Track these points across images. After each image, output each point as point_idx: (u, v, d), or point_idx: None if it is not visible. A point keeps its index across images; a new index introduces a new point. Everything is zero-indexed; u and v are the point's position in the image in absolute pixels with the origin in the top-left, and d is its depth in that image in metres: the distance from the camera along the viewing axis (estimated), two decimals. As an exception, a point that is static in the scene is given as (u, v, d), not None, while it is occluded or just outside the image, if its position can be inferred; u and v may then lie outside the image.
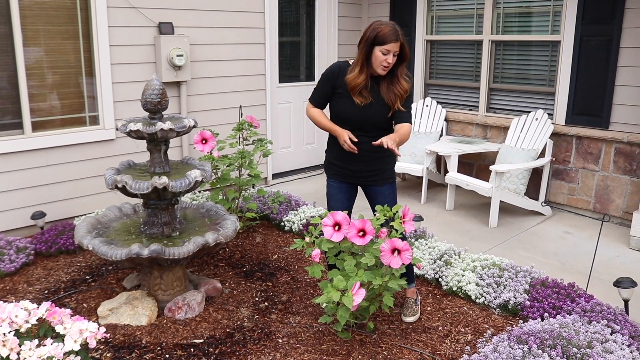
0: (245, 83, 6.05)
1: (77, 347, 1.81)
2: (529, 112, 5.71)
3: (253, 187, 5.42)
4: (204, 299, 3.68)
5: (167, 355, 3.12)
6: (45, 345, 1.73)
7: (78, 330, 1.85)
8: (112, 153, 5.15)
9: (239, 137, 4.96)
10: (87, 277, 4.12)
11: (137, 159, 4.20)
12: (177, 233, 3.67)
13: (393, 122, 3.31)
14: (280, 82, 6.53)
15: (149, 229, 3.64)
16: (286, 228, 4.95)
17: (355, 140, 3.20)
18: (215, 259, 4.42)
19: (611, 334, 3.11)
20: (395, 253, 2.92)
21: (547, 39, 5.60)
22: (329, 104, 3.42)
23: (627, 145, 5.13)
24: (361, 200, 3.67)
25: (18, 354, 1.71)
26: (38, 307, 1.95)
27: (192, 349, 3.19)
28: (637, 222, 4.67)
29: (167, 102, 3.55)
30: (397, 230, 3.03)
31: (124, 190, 3.42)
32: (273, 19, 6.26)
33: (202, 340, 3.28)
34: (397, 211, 3.14)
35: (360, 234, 3.00)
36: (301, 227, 4.83)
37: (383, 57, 3.11)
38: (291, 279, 4.08)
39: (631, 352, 3.02)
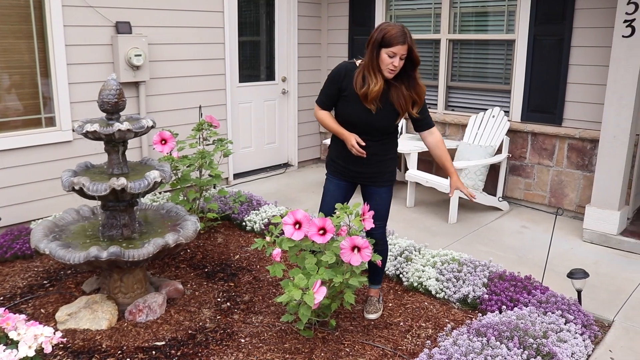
0: (205, 83, 6.01)
1: (31, 353, 1.78)
2: (486, 109, 5.83)
3: (214, 188, 5.39)
4: (166, 301, 3.65)
5: (129, 359, 3.08)
6: (-2, 352, 1.71)
7: (33, 335, 1.82)
8: (70, 155, 5.05)
9: (199, 138, 4.93)
10: (45, 282, 4.03)
11: (96, 160, 4.13)
12: (137, 235, 3.62)
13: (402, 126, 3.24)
14: (240, 81, 6.50)
15: (108, 232, 3.58)
16: (248, 228, 4.94)
17: (363, 144, 3.16)
18: (177, 260, 4.38)
19: (565, 324, 3.22)
20: (355, 250, 2.95)
21: (503, 38, 5.73)
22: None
23: (579, 141, 5.29)
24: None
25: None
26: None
27: (153, 352, 3.16)
28: (590, 215, 4.83)
29: (124, 102, 3.50)
30: (357, 229, 3.07)
31: (81, 192, 3.37)
32: (232, 18, 6.23)
33: (163, 343, 3.26)
34: (356, 209, 3.17)
35: (321, 232, 3.02)
36: (263, 227, 4.83)
37: (389, 60, 3.01)
38: (253, 278, 4.08)
39: (584, 341, 3.14)
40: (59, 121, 4.99)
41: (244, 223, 4.98)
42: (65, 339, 3.17)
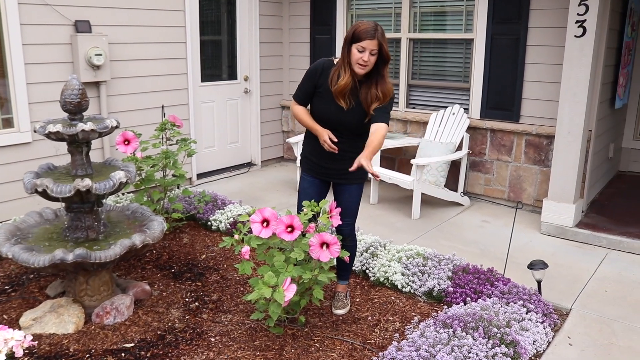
0: (167, 83, 5.96)
1: (2, 358, 1.76)
2: (447, 107, 5.96)
3: (178, 188, 5.35)
4: (133, 302, 3.62)
5: (97, 362, 3.06)
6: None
7: (3, 339, 1.80)
8: (29, 157, 4.94)
9: (162, 137, 4.89)
10: (7, 287, 3.94)
11: (57, 162, 4.06)
12: (102, 236, 3.58)
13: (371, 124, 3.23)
14: (202, 81, 6.47)
15: (73, 234, 3.53)
16: (213, 227, 4.93)
17: (335, 140, 3.21)
18: (143, 261, 4.34)
19: (527, 313, 3.34)
20: (324, 247, 3.00)
21: (461, 37, 5.87)
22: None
23: (536, 137, 5.46)
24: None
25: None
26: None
27: (122, 354, 3.13)
28: (547, 208, 5.00)
29: (87, 102, 3.46)
30: (325, 225, 3.11)
31: (44, 194, 3.31)
32: (194, 17, 6.19)
33: (132, 345, 3.23)
34: (323, 206, 3.22)
35: (289, 229, 3.05)
36: (228, 226, 4.83)
37: (359, 55, 3.05)
38: (221, 277, 4.08)
39: (544, 329, 3.26)
40: (17, 122, 4.87)
41: (209, 223, 4.97)
42: (35, 342, 3.12)
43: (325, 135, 3.21)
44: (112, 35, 5.36)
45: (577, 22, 4.63)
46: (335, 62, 3.25)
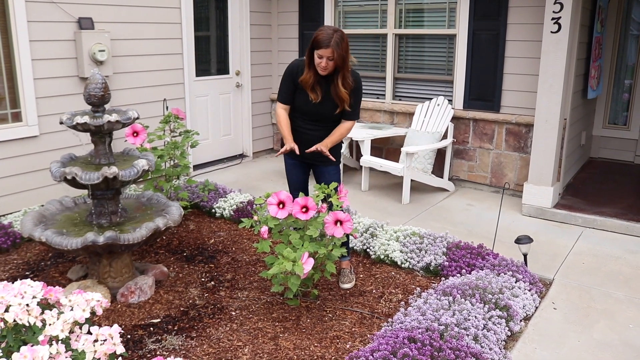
0: (165, 77, 6.19)
1: (87, 315, 2.03)
2: (431, 98, 6.32)
3: (178, 178, 5.59)
4: (154, 283, 3.88)
5: (129, 336, 3.32)
6: (64, 313, 1.94)
7: (85, 300, 2.07)
8: (37, 150, 5.13)
9: (167, 130, 5.13)
10: (28, 273, 4.15)
11: (58, 156, 4.28)
12: (124, 222, 3.83)
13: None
14: (197, 75, 6.71)
15: (97, 219, 3.78)
16: (217, 214, 5.20)
17: (298, 153, 3.66)
18: (155, 246, 4.60)
19: (516, 282, 3.71)
20: (338, 224, 3.32)
21: (445, 32, 6.23)
22: None
23: (516, 126, 5.87)
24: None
25: (42, 321, 1.90)
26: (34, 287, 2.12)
27: (151, 328, 3.40)
28: (527, 191, 5.41)
29: (109, 95, 3.70)
30: (337, 205, 3.43)
31: (73, 181, 3.55)
32: (189, 14, 6.42)
33: (159, 320, 3.50)
34: (334, 188, 3.53)
35: (304, 210, 3.36)
36: (232, 213, 5.10)
37: (318, 61, 3.50)
38: (231, 259, 4.37)
39: (532, 295, 3.64)
40: (25, 116, 5.06)
41: (213, 210, 5.24)
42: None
43: (288, 147, 3.65)
44: (113, 32, 5.57)
45: (552, 19, 5.02)
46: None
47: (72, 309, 1.99)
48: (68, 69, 5.28)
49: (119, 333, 2.00)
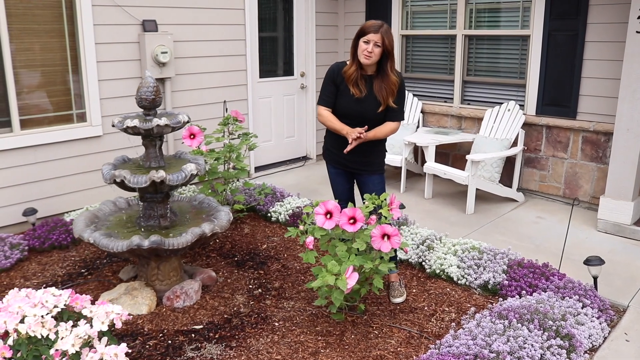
0: (227, 79, 6.19)
1: (105, 328, 1.97)
2: (502, 103, 5.98)
3: (238, 180, 5.57)
4: (201, 288, 3.84)
5: (170, 341, 3.28)
6: (78, 326, 1.89)
7: (104, 312, 2.01)
8: (100, 149, 5.24)
9: (225, 132, 5.11)
10: (83, 270, 4.23)
11: (125, 154, 4.31)
12: (173, 225, 3.81)
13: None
14: (260, 77, 6.68)
15: (146, 222, 3.78)
16: (273, 219, 5.12)
17: (363, 130, 3.48)
18: (207, 250, 4.57)
19: (582, 308, 3.39)
20: (385, 238, 3.13)
21: (517, 33, 5.87)
22: None
23: (594, 134, 5.43)
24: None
25: (56, 334, 1.86)
26: (61, 295, 2.09)
27: (193, 335, 3.35)
28: (604, 205, 4.98)
29: (161, 99, 3.68)
30: (386, 217, 3.24)
31: (122, 184, 3.56)
32: (253, 15, 6.40)
33: (201, 326, 3.45)
34: (384, 199, 3.35)
35: (351, 221, 3.20)
36: (287, 218, 5.01)
37: (364, 47, 3.41)
38: (282, 267, 4.26)
39: (600, 324, 3.30)
40: (90, 117, 5.18)
41: (269, 214, 5.17)
42: (130, 316, 3.37)
43: (353, 133, 3.47)
44: (176, 34, 5.62)
45: (639, 17, 4.59)
46: (347, 63, 3.59)
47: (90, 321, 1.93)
48: (132, 71, 5.36)
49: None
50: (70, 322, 1.92)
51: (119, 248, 3.40)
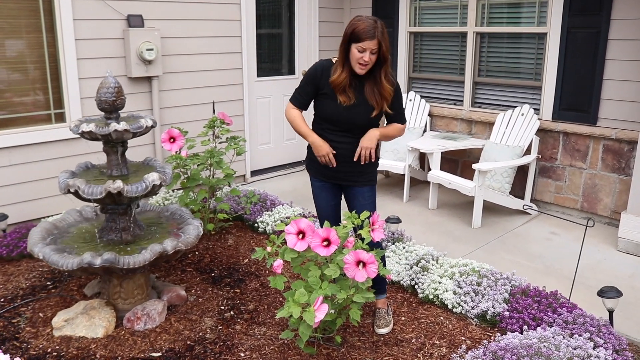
0: (221, 77, 5.82)
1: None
2: (515, 106, 5.50)
3: (229, 186, 5.21)
4: (166, 308, 3.48)
5: (122, 372, 2.93)
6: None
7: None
8: (80, 152, 4.93)
9: (211, 135, 4.75)
10: (48, 283, 3.92)
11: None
12: (135, 240, 3.46)
13: (379, 123, 3.21)
14: (258, 76, 6.30)
15: (106, 235, 3.43)
16: (260, 229, 4.75)
17: (334, 162, 3.16)
18: (184, 263, 4.22)
19: (594, 349, 2.92)
20: (360, 266, 2.72)
21: (534, 30, 5.38)
22: (313, 104, 3.26)
23: (616, 142, 4.93)
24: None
25: None
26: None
27: (148, 365, 3.00)
28: (626, 223, 4.48)
29: (123, 100, 3.33)
30: (362, 240, 2.83)
31: (77, 195, 3.21)
32: (250, 10, 6.02)
33: (160, 354, 3.09)
34: (365, 218, 2.94)
35: (325, 243, 2.80)
36: (275, 229, 4.62)
37: (359, 55, 2.93)
38: (260, 285, 3.89)
39: (613, 369, 2.84)
40: (69, 117, 4.87)
41: (256, 224, 4.79)
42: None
43: (324, 151, 3.11)
44: (164, 30, 5.27)
45: (667, 14, 4.09)
46: (334, 61, 3.11)
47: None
48: (116, 69, 5.03)
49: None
50: None
51: (68, 266, 3.06)
